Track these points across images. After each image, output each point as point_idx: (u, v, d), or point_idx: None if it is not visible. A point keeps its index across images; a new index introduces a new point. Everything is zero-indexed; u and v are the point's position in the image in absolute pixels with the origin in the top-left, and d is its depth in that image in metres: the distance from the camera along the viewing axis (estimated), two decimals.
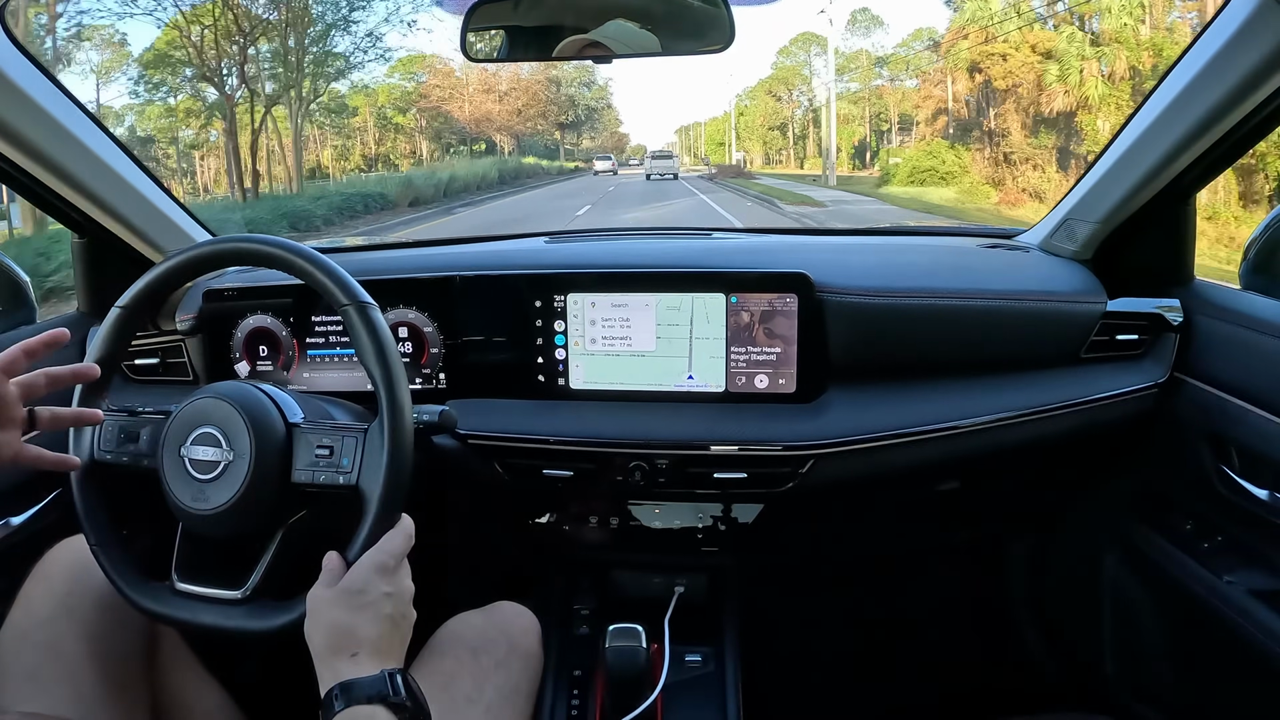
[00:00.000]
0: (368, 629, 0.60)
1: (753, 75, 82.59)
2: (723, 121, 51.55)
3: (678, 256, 1.08)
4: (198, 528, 0.71)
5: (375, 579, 0.63)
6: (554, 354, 0.98)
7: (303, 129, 21.77)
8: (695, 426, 0.93)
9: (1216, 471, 0.86)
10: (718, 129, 52.87)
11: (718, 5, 0.87)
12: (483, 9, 0.94)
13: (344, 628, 0.60)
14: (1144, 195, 0.91)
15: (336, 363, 1.02)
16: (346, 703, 0.56)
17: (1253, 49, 0.70)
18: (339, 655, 0.59)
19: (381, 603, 0.62)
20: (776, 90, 40.84)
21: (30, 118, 0.86)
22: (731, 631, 1.03)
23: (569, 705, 0.94)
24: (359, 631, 0.60)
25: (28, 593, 0.75)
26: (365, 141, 31.83)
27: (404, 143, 33.23)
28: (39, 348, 0.66)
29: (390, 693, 0.57)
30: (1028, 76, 18.27)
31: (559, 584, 1.12)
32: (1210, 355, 0.90)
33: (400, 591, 0.64)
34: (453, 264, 1.03)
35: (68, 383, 0.69)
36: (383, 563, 0.63)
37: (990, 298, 0.95)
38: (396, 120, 32.54)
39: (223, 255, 0.78)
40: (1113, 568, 1.09)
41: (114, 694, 0.73)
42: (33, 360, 0.66)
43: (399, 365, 0.69)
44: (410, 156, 32.21)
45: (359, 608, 0.61)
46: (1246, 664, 0.80)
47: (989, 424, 0.93)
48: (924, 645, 1.33)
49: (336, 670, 0.58)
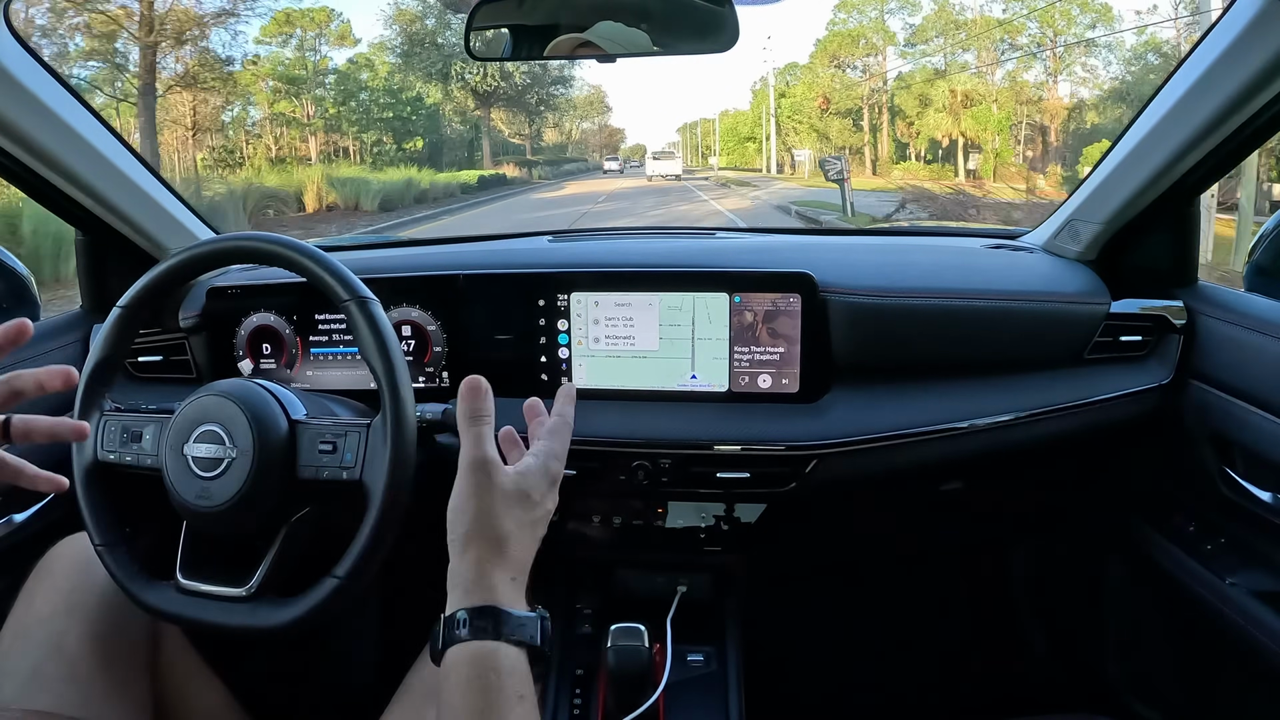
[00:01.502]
0: (525, 549, 0.52)
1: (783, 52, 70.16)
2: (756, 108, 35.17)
3: (681, 256, 1.08)
4: (202, 525, 0.72)
5: (549, 492, 0.54)
6: (557, 353, 0.98)
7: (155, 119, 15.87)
8: (698, 426, 0.93)
9: (1220, 473, 0.86)
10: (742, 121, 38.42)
11: (722, 4, 0.87)
12: (486, 8, 0.93)
13: (507, 537, 0.51)
14: (1148, 196, 0.91)
15: (340, 361, 1.02)
16: (495, 635, 0.47)
17: (1258, 50, 0.69)
18: (498, 566, 0.49)
19: (542, 523, 0.53)
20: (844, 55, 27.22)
21: (34, 114, 0.86)
22: (734, 631, 1.03)
23: (571, 704, 0.94)
24: (518, 550, 0.51)
25: (30, 590, 0.75)
26: (265, 136, 23.01)
27: (297, 139, 24.02)
28: (32, 386, 0.57)
29: (541, 641, 0.49)
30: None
31: (561, 583, 1.12)
32: (1214, 357, 0.90)
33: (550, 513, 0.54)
34: (456, 263, 1.03)
35: (33, 394, 0.59)
36: (556, 474, 0.55)
37: (994, 298, 0.95)
38: (281, 109, 23.42)
39: (225, 253, 0.79)
40: (1115, 569, 1.09)
41: (116, 691, 0.73)
42: (21, 401, 0.58)
43: (401, 360, 0.69)
44: (319, 159, 23.35)
45: (530, 523, 0.52)
46: (1249, 665, 0.80)
47: (992, 424, 0.92)
48: (926, 645, 1.33)
49: (491, 585, 0.48)
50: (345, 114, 25.44)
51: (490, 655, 0.46)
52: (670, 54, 0.93)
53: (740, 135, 38.26)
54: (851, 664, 1.32)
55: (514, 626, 0.47)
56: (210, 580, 0.71)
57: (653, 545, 1.08)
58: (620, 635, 0.88)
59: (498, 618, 0.47)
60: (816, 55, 28.36)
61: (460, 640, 0.46)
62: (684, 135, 59.98)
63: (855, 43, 26.81)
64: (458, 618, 0.47)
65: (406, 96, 26.52)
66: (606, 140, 47.57)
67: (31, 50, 0.85)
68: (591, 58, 0.94)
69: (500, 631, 0.47)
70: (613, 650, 0.87)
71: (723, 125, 41.85)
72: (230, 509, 0.69)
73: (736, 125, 39.58)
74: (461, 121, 30.02)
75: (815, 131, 28.26)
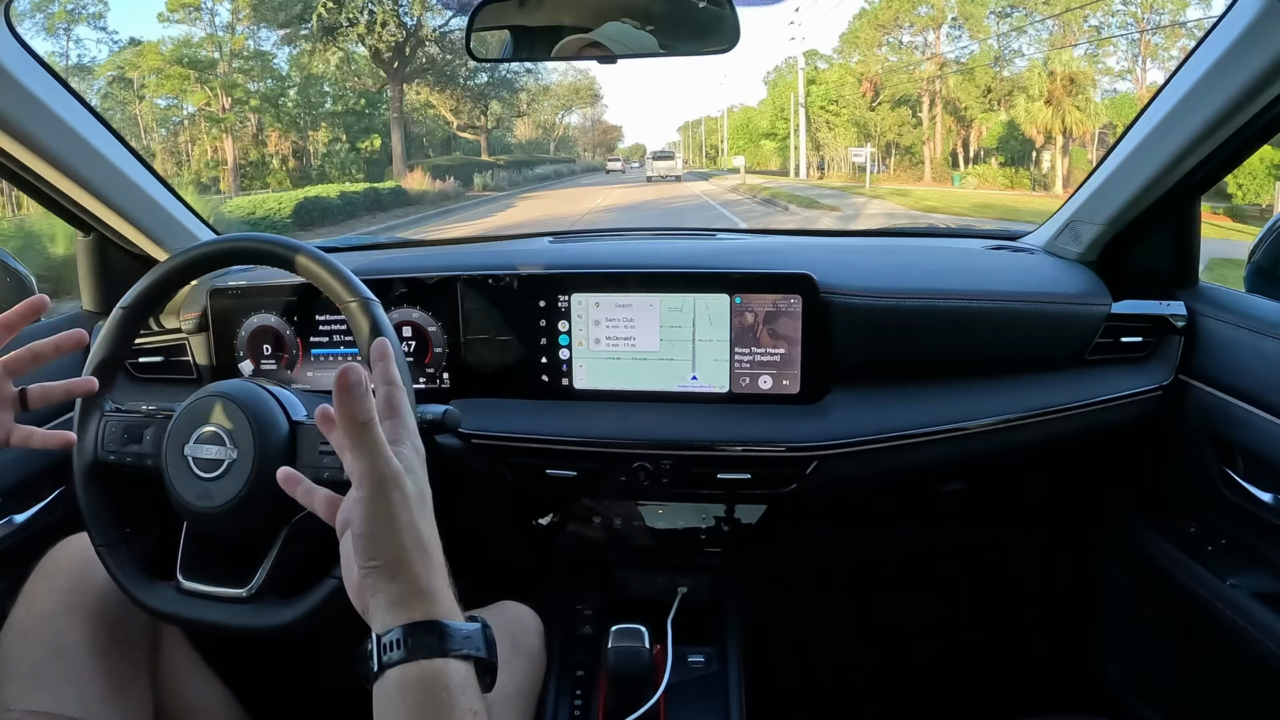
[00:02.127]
0: (439, 547, 0.47)
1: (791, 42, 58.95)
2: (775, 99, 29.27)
3: (682, 257, 1.08)
4: (203, 526, 0.72)
5: (424, 475, 0.49)
6: (558, 354, 0.98)
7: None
8: (699, 427, 0.93)
9: (1220, 474, 0.86)
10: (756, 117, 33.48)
11: (723, 5, 0.87)
12: (487, 9, 0.93)
13: (429, 541, 0.46)
14: (1149, 197, 0.91)
15: (340, 362, 1.02)
16: (441, 651, 0.43)
17: (1259, 51, 0.70)
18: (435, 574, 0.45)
19: (432, 510, 0.48)
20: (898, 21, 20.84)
21: (35, 116, 0.87)
22: (735, 632, 1.03)
23: (571, 705, 0.94)
24: (438, 552, 0.46)
25: (31, 590, 0.75)
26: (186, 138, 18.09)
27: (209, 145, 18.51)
28: (51, 350, 0.66)
29: (486, 653, 0.45)
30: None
31: (562, 584, 1.12)
32: (1215, 358, 0.90)
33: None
34: (457, 264, 1.03)
35: (50, 357, 0.67)
36: (421, 450, 0.50)
37: (995, 299, 0.95)
38: (196, 101, 17.59)
39: (226, 254, 0.79)
40: (1116, 570, 1.09)
41: (117, 692, 0.73)
42: (40, 365, 0.66)
43: (402, 360, 0.69)
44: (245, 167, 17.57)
45: (431, 516, 0.47)
46: (1250, 666, 0.80)
47: (993, 425, 0.92)
48: (927, 646, 1.33)
49: (434, 596, 0.44)
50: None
51: (439, 674, 0.42)
52: (673, 55, 0.93)
53: (755, 132, 33.03)
54: (852, 665, 1.32)
55: (459, 640, 0.44)
56: (211, 581, 0.71)
57: (653, 546, 1.08)
58: (621, 636, 0.88)
59: (441, 632, 0.43)
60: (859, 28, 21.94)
61: (400, 661, 0.42)
62: (685, 135, 57.47)
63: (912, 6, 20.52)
64: (394, 637, 0.43)
65: (269, 66, 18.68)
66: (601, 138, 42.27)
67: (32, 50, 0.85)
68: (595, 58, 0.94)
69: (445, 647, 0.43)
70: (613, 651, 0.87)
71: (732, 122, 37.73)
72: (231, 510, 0.69)
73: (748, 121, 34.72)
74: (368, 106, 20.80)
75: (856, 125, 22.14)
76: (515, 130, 30.08)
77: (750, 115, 35.38)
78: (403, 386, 0.50)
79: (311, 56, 19.62)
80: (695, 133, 51.97)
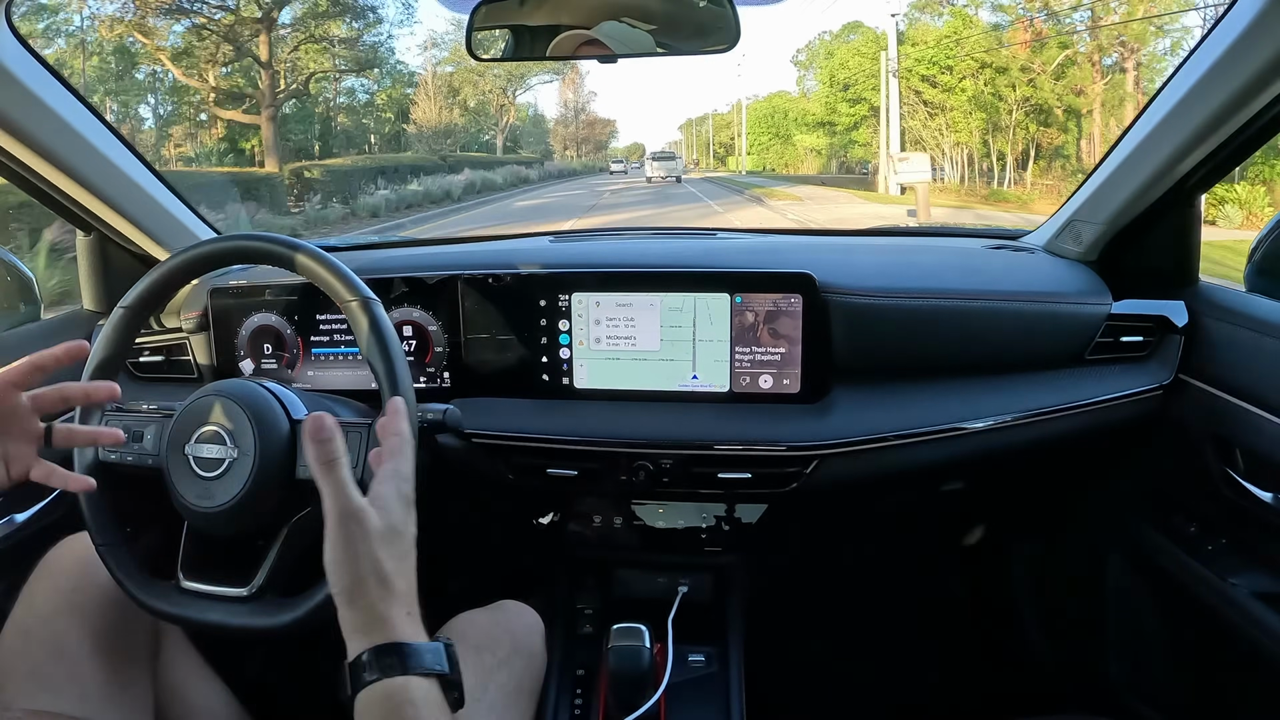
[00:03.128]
0: (408, 580, 0.51)
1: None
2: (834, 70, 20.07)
3: (682, 256, 1.08)
4: (203, 526, 0.72)
5: (408, 518, 0.53)
6: (558, 353, 0.98)
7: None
8: (699, 426, 0.93)
9: (1221, 474, 0.86)
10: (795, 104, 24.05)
11: (723, 4, 0.87)
12: (486, 8, 0.93)
13: (390, 575, 0.50)
14: (1149, 197, 0.91)
15: (341, 361, 1.02)
16: (402, 670, 0.47)
17: (1259, 50, 0.69)
18: (392, 605, 0.49)
19: (412, 550, 0.52)
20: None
21: (36, 115, 0.87)
22: (735, 632, 1.03)
23: (572, 704, 0.95)
24: (402, 585, 0.50)
25: (31, 590, 0.75)
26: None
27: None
28: (51, 362, 0.64)
29: (449, 669, 0.49)
30: None
31: (563, 583, 1.12)
32: (1215, 357, 0.90)
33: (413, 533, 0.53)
34: (457, 263, 1.03)
35: (79, 403, 0.68)
36: (409, 496, 0.54)
37: (995, 299, 0.95)
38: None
39: (226, 253, 0.79)
40: (1116, 569, 1.09)
41: (118, 691, 0.73)
42: (46, 375, 0.65)
43: (402, 359, 0.69)
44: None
45: (402, 555, 0.51)
46: (1250, 666, 0.80)
47: (993, 425, 0.93)
48: (927, 646, 1.33)
49: (390, 624, 0.48)
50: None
51: (401, 690, 0.46)
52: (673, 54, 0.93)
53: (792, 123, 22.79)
54: (852, 664, 1.32)
55: (419, 659, 0.47)
56: (211, 580, 0.71)
57: (654, 545, 1.08)
58: (621, 635, 0.88)
59: (402, 652, 0.47)
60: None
61: (369, 682, 0.46)
62: (687, 133, 53.15)
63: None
64: (362, 660, 0.47)
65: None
66: (588, 133, 33.46)
67: (32, 50, 0.85)
68: (594, 58, 0.94)
69: (407, 666, 0.47)
70: (614, 650, 0.87)
71: (752, 114, 28.89)
72: (232, 509, 0.69)
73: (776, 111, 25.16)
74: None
75: (980, 107, 12.78)
76: (414, 114, 19.16)
77: (779, 104, 26.30)
78: (410, 440, 0.57)
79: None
80: (700, 130, 46.10)
